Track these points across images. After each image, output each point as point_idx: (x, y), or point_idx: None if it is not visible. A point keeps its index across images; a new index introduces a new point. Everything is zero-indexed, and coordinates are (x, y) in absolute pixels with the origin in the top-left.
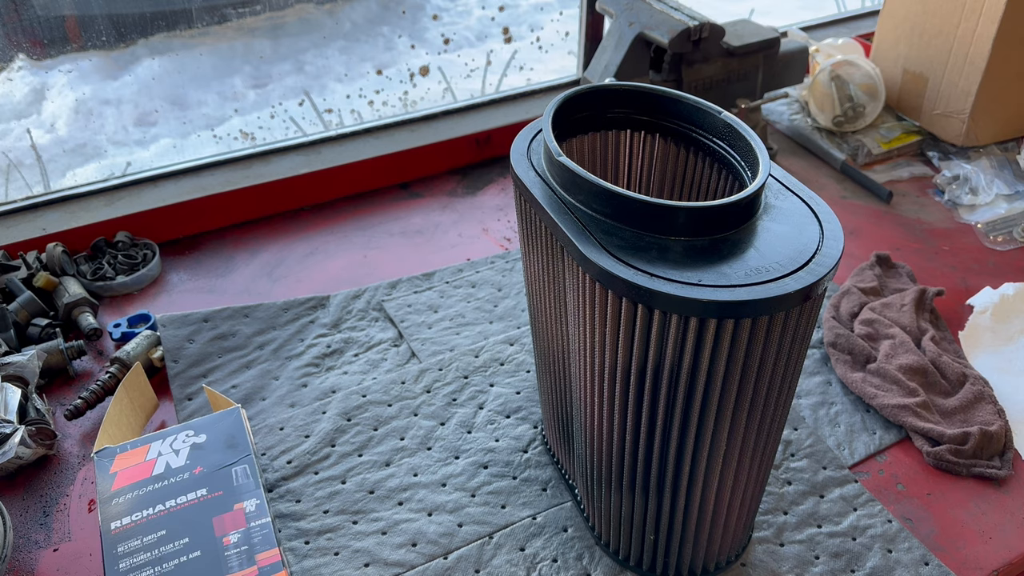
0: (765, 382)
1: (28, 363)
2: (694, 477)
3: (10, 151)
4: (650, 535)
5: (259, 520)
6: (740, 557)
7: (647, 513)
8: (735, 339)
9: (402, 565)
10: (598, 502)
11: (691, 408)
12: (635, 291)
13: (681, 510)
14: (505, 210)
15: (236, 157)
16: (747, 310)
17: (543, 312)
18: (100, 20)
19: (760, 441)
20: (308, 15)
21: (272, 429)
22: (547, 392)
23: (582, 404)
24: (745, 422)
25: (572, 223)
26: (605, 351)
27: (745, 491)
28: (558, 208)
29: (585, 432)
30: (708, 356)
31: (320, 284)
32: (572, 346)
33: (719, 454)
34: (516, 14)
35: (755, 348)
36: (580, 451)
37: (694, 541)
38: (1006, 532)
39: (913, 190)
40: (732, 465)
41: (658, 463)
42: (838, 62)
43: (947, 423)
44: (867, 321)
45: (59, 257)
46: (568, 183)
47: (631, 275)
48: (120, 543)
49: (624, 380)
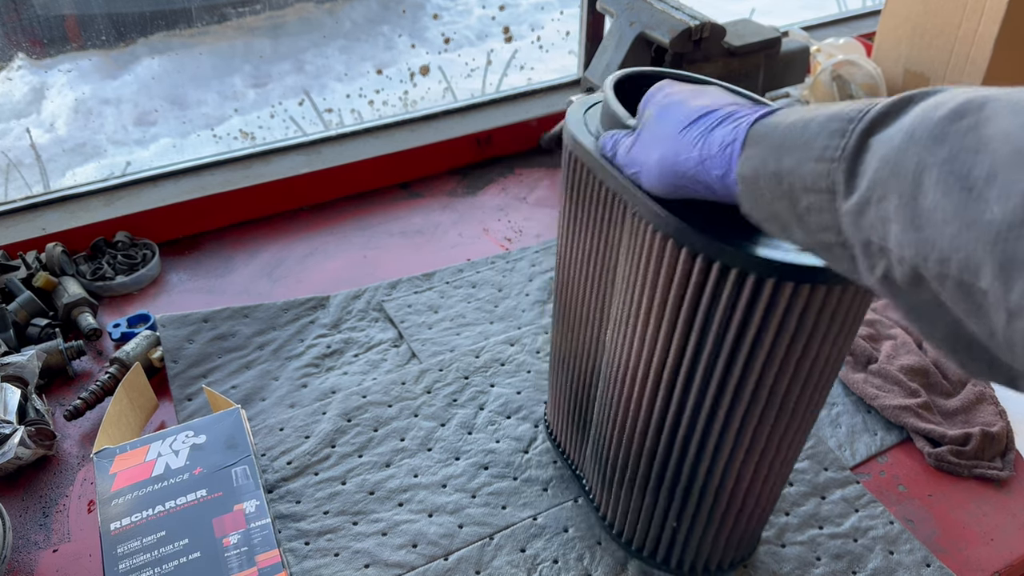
0: (819, 358)
1: (28, 363)
2: (733, 457)
3: (10, 151)
4: (672, 523)
5: (259, 521)
6: (749, 559)
7: (673, 499)
8: (808, 305)
9: (402, 566)
10: (617, 489)
11: (747, 379)
12: (715, 248)
13: (711, 496)
14: (505, 210)
15: (236, 157)
16: (823, 276)
17: (580, 295)
18: (100, 19)
19: (794, 423)
20: (308, 14)
21: (272, 430)
22: (565, 380)
23: (618, 385)
24: (794, 399)
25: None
26: (663, 317)
27: (772, 481)
28: (617, 173)
29: (615, 415)
30: (777, 321)
31: (320, 284)
32: (615, 320)
33: (763, 435)
34: (516, 13)
35: (822, 319)
36: (602, 438)
37: (715, 533)
38: (1008, 533)
39: None
40: (772, 448)
41: (698, 442)
42: (839, 62)
43: (948, 424)
44: (868, 322)
45: (58, 257)
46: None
47: (708, 235)
48: (120, 544)
49: (680, 348)
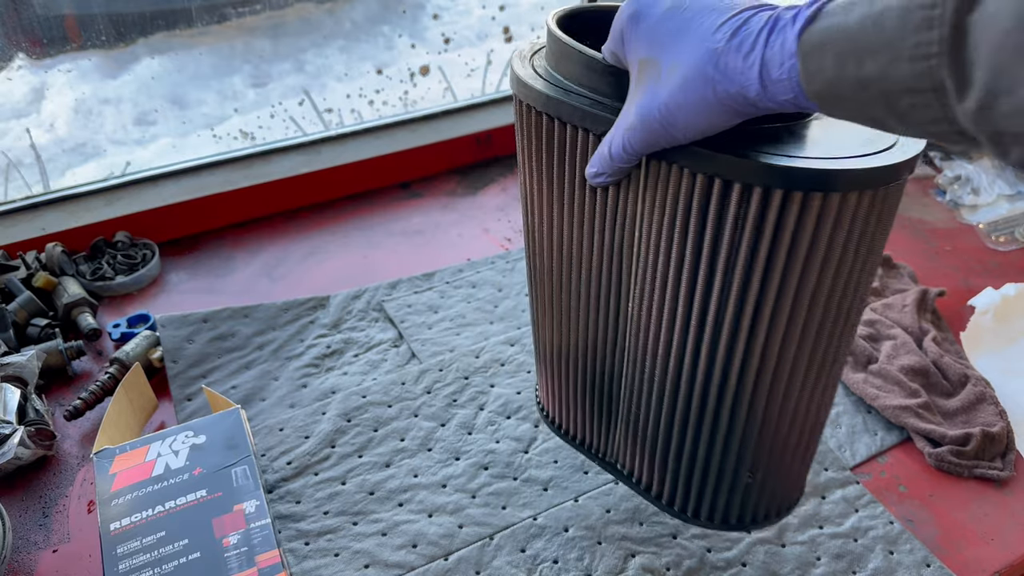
0: (841, 269)
1: (27, 363)
2: (774, 387)
3: (9, 150)
4: (746, 477)
5: (259, 521)
6: (792, 509)
7: (726, 450)
8: (841, 212)
9: (402, 566)
10: (663, 460)
11: (782, 297)
12: (732, 166)
13: (754, 436)
14: (505, 210)
15: (236, 157)
16: (834, 183)
17: (578, 277)
18: (100, 19)
19: (822, 348)
20: (308, 14)
21: (272, 430)
22: (577, 375)
23: (649, 357)
24: (817, 321)
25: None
26: (680, 246)
27: (812, 413)
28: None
29: (651, 387)
30: (810, 232)
31: (320, 284)
32: (639, 285)
33: (800, 360)
34: (517, 13)
35: (840, 226)
36: (639, 414)
37: (763, 477)
38: (1008, 534)
39: (915, 190)
40: (810, 374)
41: (736, 378)
42: None
43: (949, 424)
44: (868, 322)
45: (58, 257)
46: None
47: (715, 150)
48: (119, 544)
49: (708, 273)
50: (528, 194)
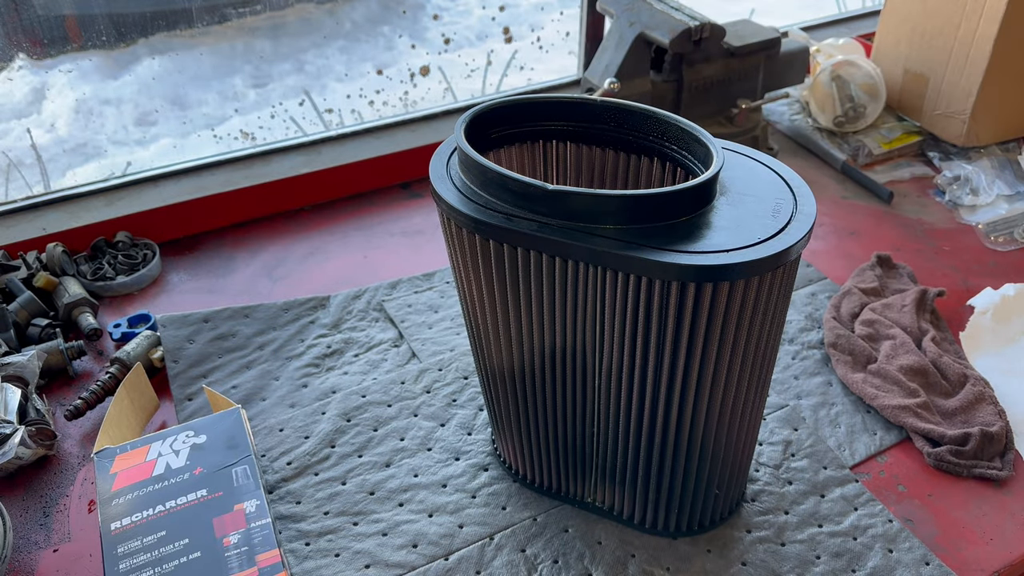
0: (751, 338)
1: (28, 363)
2: (708, 422)
3: (10, 151)
4: (715, 490)
5: (259, 521)
6: (732, 515)
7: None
8: (746, 293)
9: (403, 566)
10: (631, 486)
11: (716, 360)
12: (635, 264)
13: (706, 459)
14: None
15: (236, 157)
16: (728, 274)
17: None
18: (100, 19)
19: (745, 390)
20: (308, 15)
21: (272, 430)
22: (552, 438)
23: (622, 414)
24: (736, 374)
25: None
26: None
27: (744, 438)
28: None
29: (625, 438)
30: (721, 310)
31: (320, 284)
32: (607, 363)
33: (727, 401)
34: (517, 14)
35: (745, 306)
36: (613, 457)
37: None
38: (1007, 533)
39: (914, 190)
40: (736, 412)
41: (690, 421)
42: (839, 62)
43: (948, 424)
44: (868, 322)
45: (59, 257)
46: (513, 190)
47: (644, 252)
48: (120, 544)
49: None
50: (471, 303)
